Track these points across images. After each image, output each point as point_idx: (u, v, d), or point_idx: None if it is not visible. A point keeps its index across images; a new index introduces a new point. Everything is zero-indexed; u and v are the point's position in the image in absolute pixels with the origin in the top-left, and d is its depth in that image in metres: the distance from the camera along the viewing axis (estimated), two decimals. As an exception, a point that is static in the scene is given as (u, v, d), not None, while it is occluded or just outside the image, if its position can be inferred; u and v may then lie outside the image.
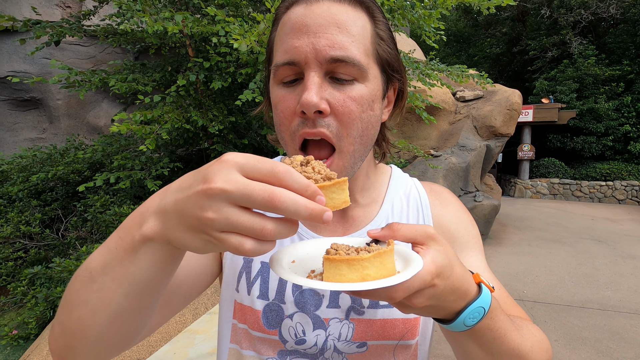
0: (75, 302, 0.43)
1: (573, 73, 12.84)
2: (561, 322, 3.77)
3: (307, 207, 0.32)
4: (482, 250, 0.71)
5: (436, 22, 3.59)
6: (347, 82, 0.53)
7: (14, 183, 4.08)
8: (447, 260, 0.43)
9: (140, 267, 0.39)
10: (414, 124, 7.02)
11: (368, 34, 0.55)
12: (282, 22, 0.57)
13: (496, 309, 0.49)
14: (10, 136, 6.58)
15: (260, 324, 0.64)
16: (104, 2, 4.03)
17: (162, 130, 2.92)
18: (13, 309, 3.67)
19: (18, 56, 6.30)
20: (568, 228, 7.81)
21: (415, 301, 0.41)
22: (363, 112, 0.54)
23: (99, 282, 0.41)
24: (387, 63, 0.59)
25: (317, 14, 0.52)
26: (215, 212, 0.32)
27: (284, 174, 0.33)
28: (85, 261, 0.45)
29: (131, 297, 0.41)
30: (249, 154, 0.34)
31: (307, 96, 0.50)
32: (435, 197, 0.74)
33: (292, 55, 0.52)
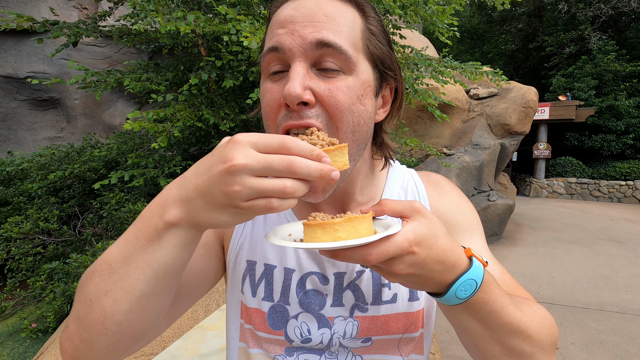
0: (96, 294, 0.45)
1: (592, 69, 12.47)
2: (578, 325, 3.68)
3: (317, 168, 0.38)
4: (483, 235, 0.70)
5: (449, 18, 3.53)
6: (333, 73, 0.52)
7: (34, 180, 4.19)
8: (430, 231, 0.43)
9: (164, 253, 0.42)
10: (426, 122, 6.94)
11: (358, 28, 0.55)
12: (272, 20, 0.57)
13: (490, 282, 0.49)
14: (30, 135, 6.77)
15: (266, 325, 0.65)
16: (119, 3, 4.11)
17: (174, 129, 2.96)
18: (32, 303, 3.78)
19: (37, 57, 6.48)
20: (586, 229, 7.61)
21: (395, 267, 0.42)
22: (352, 105, 0.53)
23: (121, 271, 0.44)
24: (379, 59, 0.58)
25: (305, 6, 0.53)
26: (241, 184, 0.37)
27: (292, 143, 0.39)
28: (101, 257, 0.47)
29: (153, 281, 0.44)
30: (258, 133, 0.39)
31: (289, 86, 0.49)
32: (432, 187, 0.74)
33: (276, 41, 0.52)
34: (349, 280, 0.65)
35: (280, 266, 0.66)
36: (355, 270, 0.66)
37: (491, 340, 0.51)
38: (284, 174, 0.37)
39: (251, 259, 0.68)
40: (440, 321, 3.60)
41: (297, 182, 0.39)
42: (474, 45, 19.92)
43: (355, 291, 0.65)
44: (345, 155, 0.44)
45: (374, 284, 0.65)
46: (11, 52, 6.39)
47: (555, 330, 0.56)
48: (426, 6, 3.32)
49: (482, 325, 0.50)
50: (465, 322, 0.51)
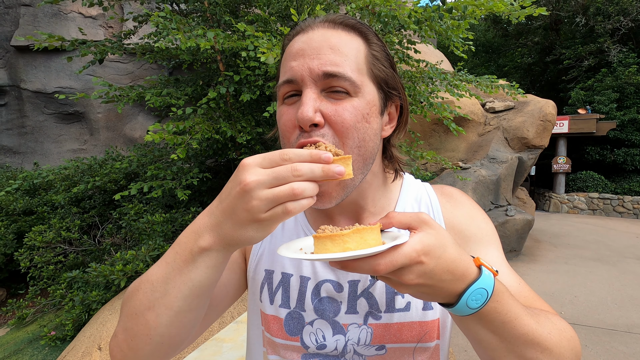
0: (140, 309, 0.51)
1: (612, 82, 12.20)
2: (604, 348, 3.50)
3: (319, 167, 0.43)
4: (499, 246, 0.70)
5: (464, 32, 3.54)
6: (340, 95, 0.58)
7: (58, 191, 4.35)
8: (437, 241, 0.44)
9: (198, 273, 0.48)
10: (441, 136, 6.89)
11: (362, 54, 0.60)
12: (285, 53, 0.63)
13: (502, 292, 0.49)
14: (55, 147, 7.05)
15: (283, 332, 0.68)
16: (143, 23, 4.31)
17: (192, 140, 3.04)
18: (52, 311, 3.87)
19: (65, 73, 6.79)
20: (610, 246, 7.32)
21: (405, 278, 0.43)
22: (358, 122, 0.58)
23: (161, 290, 0.50)
24: (383, 80, 0.63)
25: (313, 40, 0.59)
26: (257, 198, 0.42)
27: (291, 153, 0.43)
28: (144, 276, 0.54)
29: (189, 299, 0.50)
30: (260, 154, 0.44)
31: (302, 110, 0.55)
32: (446, 199, 0.75)
33: (290, 74, 0.59)
34: (363, 288, 0.67)
35: (296, 274, 0.70)
36: (369, 278, 0.67)
37: (507, 352, 0.50)
38: (291, 179, 0.42)
39: (269, 268, 0.72)
40: (457, 339, 3.49)
41: (303, 182, 0.43)
42: (489, 59, 19.84)
43: (369, 299, 0.67)
44: (349, 165, 0.47)
45: (387, 291, 0.66)
46: (41, 68, 6.73)
47: (576, 344, 0.55)
48: (441, 21, 3.35)
49: (496, 337, 0.50)
50: (480, 334, 0.51)
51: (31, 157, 6.97)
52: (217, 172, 4.88)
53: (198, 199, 4.62)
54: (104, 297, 3.26)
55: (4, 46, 6.77)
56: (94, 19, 6.94)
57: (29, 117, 6.91)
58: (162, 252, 3.39)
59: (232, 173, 2.41)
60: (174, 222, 3.85)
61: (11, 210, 4.46)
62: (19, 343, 3.52)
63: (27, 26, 6.59)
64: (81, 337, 2.72)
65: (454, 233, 0.70)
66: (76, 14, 6.81)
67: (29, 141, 7.00)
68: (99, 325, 2.72)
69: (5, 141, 6.95)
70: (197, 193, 4.61)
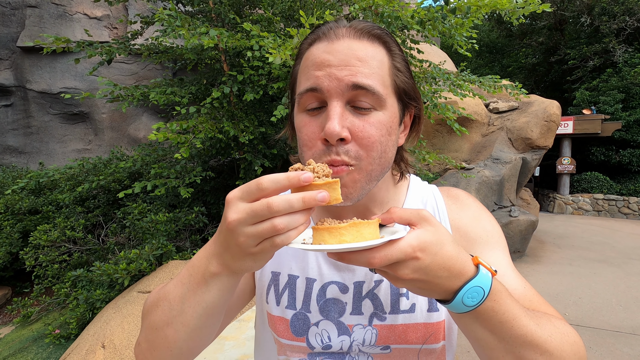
0: (160, 325, 0.55)
1: (618, 82, 12.11)
2: (609, 349, 3.48)
3: (297, 199, 0.41)
4: (505, 249, 0.70)
5: (468, 31, 3.53)
6: (366, 110, 0.57)
7: (62, 191, 4.38)
8: (434, 238, 0.45)
9: (211, 295, 0.51)
10: (444, 136, 6.87)
11: (386, 67, 0.60)
12: (305, 57, 0.62)
13: (500, 292, 0.49)
14: (60, 147, 7.10)
15: (289, 332, 0.69)
16: (148, 24, 4.35)
17: (196, 140, 3.05)
18: (56, 309, 3.89)
19: (70, 74, 6.84)
20: (615, 247, 7.26)
21: (400, 272, 0.44)
22: (382, 137, 0.58)
23: (178, 308, 0.53)
24: (404, 92, 0.63)
25: (339, 50, 0.57)
26: (243, 235, 0.43)
27: (267, 183, 0.42)
28: (162, 292, 0.57)
29: (203, 317, 0.53)
30: (245, 184, 0.44)
31: (330, 126, 0.54)
32: (452, 201, 0.75)
33: (315, 82, 0.57)
34: (368, 289, 0.68)
35: (302, 276, 0.71)
36: (374, 279, 0.68)
37: (505, 352, 0.51)
38: (269, 215, 0.41)
39: (276, 270, 0.73)
40: (459, 340, 3.48)
41: (286, 217, 0.42)
42: (493, 59, 19.75)
43: (374, 300, 0.67)
44: (337, 190, 0.45)
45: (392, 293, 0.67)
46: (46, 69, 6.78)
47: (580, 348, 0.54)
48: (444, 20, 3.34)
49: (494, 336, 0.50)
50: (477, 332, 0.51)
51: (36, 157, 7.02)
52: (220, 171, 4.89)
53: (201, 198, 4.64)
54: (107, 296, 3.28)
55: (10, 47, 6.84)
56: (99, 20, 6.98)
57: (35, 118, 6.96)
58: (165, 251, 3.40)
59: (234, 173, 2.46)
60: (178, 222, 3.87)
61: (17, 209, 4.50)
62: (23, 341, 3.55)
63: (33, 27, 6.65)
64: (85, 336, 2.74)
65: (460, 235, 0.70)
66: (81, 15, 6.86)
67: (34, 141, 7.05)
68: (102, 323, 2.73)
69: (11, 141, 7.01)
70: (200, 192, 4.63)
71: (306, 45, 0.63)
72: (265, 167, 3.88)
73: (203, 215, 4.11)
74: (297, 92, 0.62)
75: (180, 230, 4.00)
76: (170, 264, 3.26)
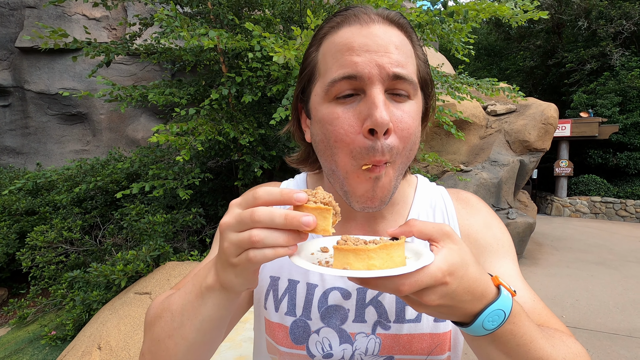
0: (162, 337, 0.54)
1: (615, 86, 12.18)
2: (605, 352, 3.48)
3: (280, 215, 0.40)
4: (515, 258, 0.68)
5: (466, 36, 3.55)
6: (403, 99, 0.55)
7: (60, 192, 4.36)
8: (460, 259, 0.42)
9: (207, 309, 0.50)
10: (442, 139, 6.89)
11: (413, 56, 0.58)
12: (329, 41, 0.57)
13: (519, 313, 0.47)
14: (58, 148, 7.08)
15: (288, 340, 0.65)
16: (147, 26, 4.36)
17: (196, 142, 3.05)
18: (53, 311, 3.87)
19: (68, 74, 6.84)
20: (612, 250, 7.28)
21: (426, 298, 0.41)
22: (416, 127, 0.57)
23: (178, 321, 0.52)
24: (425, 82, 0.62)
25: (376, 35, 0.54)
26: (227, 241, 0.42)
27: (261, 192, 0.41)
28: (167, 301, 0.56)
29: (201, 332, 0.52)
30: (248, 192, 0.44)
31: (380, 115, 0.50)
32: (462, 205, 0.72)
33: (354, 69, 0.52)
34: (372, 296, 0.65)
35: (303, 281, 0.67)
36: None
37: None
38: (251, 225, 0.40)
39: (275, 275, 0.69)
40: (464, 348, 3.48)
41: (265, 230, 0.40)
42: (491, 62, 19.84)
43: (378, 307, 0.64)
44: (328, 219, 0.42)
45: (397, 300, 0.64)
46: (45, 69, 6.77)
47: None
48: (442, 24, 3.36)
49: (509, 359, 0.48)
50: (492, 355, 0.49)
51: (34, 158, 7.00)
52: (218, 172, 4.89)
53: (199, 199, 4.63)
54: (104, 297, 3.26)
55: (8, 47, 6.83)
56: (98, 21, 6.99)
57: (32, 118, 6.95)
58: (162, 253, 3.39)
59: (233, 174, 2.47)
60: (175, 223, 3.86)
61: (14, 210, 4.48)
62: (19, 342, 3.53)
63: (32, 28, 6.64)
64: (81, 337, 2.72)
65: (469, 242, 0.68)
66: (80, 16, 6.86)
67: (32, 142, 7.03)
68: (99, 325, 2.72)
69: (8, 142, 6.99)
70: (198, 194, 4.62)
71: (328, 29, 0.58)
72: (265, 168, 3.88)
73: (201, 217, 4.10)
74: (326, 79, 0.55)
75: (178, 231, 3.99)
76: (168, 265, 3.25)
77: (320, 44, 0.59)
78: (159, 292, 2.89)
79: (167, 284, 2.94)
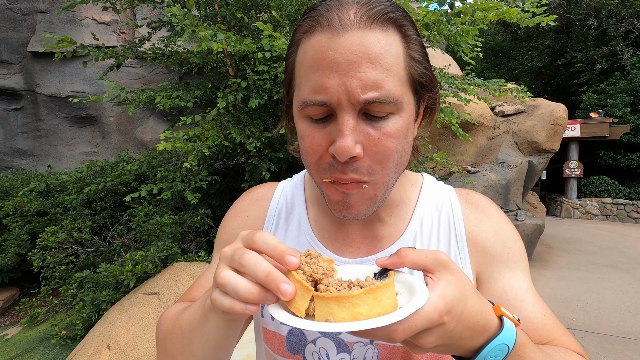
0: (173, 353, 0.55)
1: (626, 85, 11.99)
2: (617, 356, 3.42)
3: (264, 270, 0.38)
4: (527, 268, 0.64)
5: (473, 39, 3.53)
6: (382, 118, 0.49)
7: (70, 193, 4.43)
8: (459, 292, 0.39)
9: (210, 328, 0.49)
10: (449, 140, 6.85)
11: (401, 59, 0.50)
12: (303, 49, 0.51)
13: (524, 344, 0.45)
14: (68, 150, 7.20)
15: (284, 349, 0.64)
16: (156, 29, 4.42)
17: (203, 147, 3.07)
18: (63, 310, 3.93)
19: (78, 78, 6.95)
20: (624, 252, 7.16)
21: (423, 341, 0.38)
22: (399, 144, 0.51)
23: (188, 338, 0.52)
24: (419, 83, 0.54)
25: (346, 47, 0.46)
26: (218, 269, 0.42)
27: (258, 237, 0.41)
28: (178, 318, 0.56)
29: (207, 349, 0.52)
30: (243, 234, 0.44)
31: (342, 144, 0.47)
32: (470, 209, 0.67)
33: (323, 97, 0.48)
34: None
35: None
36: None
37: None
38: (237, 266, 0.40)
39: None
40: None
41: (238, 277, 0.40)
42: (499, 62, 19.67)
43: None
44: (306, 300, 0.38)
45: None
46: (55, 73, 6.89)
47: None
48: (449, 25, 3.34)
49: None
50: None
51: (45, 160, 7.12)
52: (225, 174, 4.92)
53: (206, 201, 4.66)
54: (113, 297, 3.30)
55: (20, 52, 6.96)
56: (107, 25, 7.09)
57: (44, 121, 7.07)
58: (170, 253, 3.43)
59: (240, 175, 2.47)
60: (183, 224, 3.90)
61: (25, 211, 4.56)
62: (30, 341, 3.58)
63: (43, 32, 6.76)
64: (91, 337, 2.76)
65: (476, 251, 0.63)
66: (90, 20, 6.97)
67: (43, 144, 7.16)
68: (108, 324, 2.75)
69: (20, 144, 7.12)
70: (205, 195, 4.66)
71: (301, 33, 0.52)
72: (272, 171, 3.89)
73: (208, 218, 4.13)
74: (298, 96, 0.53)
75: (186, 232, 4.02)
76: (175, 265, 3.28)
77: (296, 47, 0.54)
78: (167, 292, 2.92)
79: (174, 285, 2.97)
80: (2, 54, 6.87)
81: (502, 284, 0.61)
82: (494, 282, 0.61)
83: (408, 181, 0.69)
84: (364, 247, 0.65)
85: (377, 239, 0.65)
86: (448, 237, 0.64)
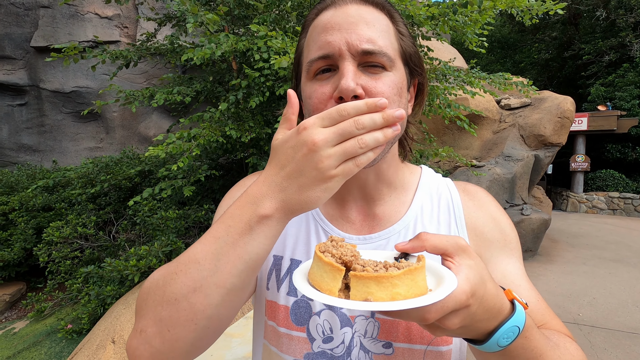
0: (183, 293, 0.46)
1: (635, 77, 11.79)
2: (624, 351, 3.39)
3: (380, 116, 0.42)
4: (520, 255, 0.68)
5: (480, 28, 3.46)
6: (377, 69, 0.57)
7: (74, 188, 4.45)
8: (479, 277, 0.42)
9: (255, 245, 0.46)
10: (454, 133, 6.78)
11: (391, 31, 0.61)
12: (312, 27, 0.62)
13: (531, 327, 0.47)
14: (73, 145, 7.23)
15: (288, 321, 0.65)
16: (162, 25, 4.42)
17: (196, 148, 3.03)
18: (69, 305, 3.97)
19: (82, 73, 6.95)
20: (631, 247, 7.08)
21: (448, 323, 0.40)
22: (394, 95, 0.58)
23: (211, 267, 0.46)
24: (409, 57, 0.63)
25: (347, 14, 0.58)
26: (327, 156, 0.42)
27: (349, 107, 0.43)
28: (183, 257, 0.49)
29: (244, 274, 0.47)
30: (321, 113, 0.44)
31: (345, 82, 0.53)
32: (468, 197, 0.71)
33: (326, 49, 0.57)
34: None
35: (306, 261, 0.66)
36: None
37: None
38: (356, 132, 0.42)
39: (278, 254, 0.69)
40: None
41: (369, 134, 0.42)
42: (504, 55, 19.42)
43: None
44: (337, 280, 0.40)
45: None
46: (59, 68, 6.90)
47: None
48: (456, 15, 3.28)
49: None
50: None
51: (50, 155, 7.16)
52: (229, 169, 4.91)
53: (210, 195, 4.67)
54: (118, 292, 3.33)
55: (24, 47, 6.97)
56: (110, 20, 7.07)
57: (48, 116, 7.10)
58: (174, 248, 3.43)
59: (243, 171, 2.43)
60: (187, 219, 3.90)
61: (31, 206, 4.59)
62: (37, 335, 3.63)
63: (46, 27, 6.76)
64: (96, 331, 2.78)
65: (475, 235, 0.67)
66: (92, 14, 6.95)
67: (48, 139, 7.19)
68: (113, 319, 2.77)
69: (25, 139, 7.16)
70: (209, 190, 4.66)
71: (312, 16, 0.63)
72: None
73: (212, 213, 4.14)
74: (306, 60, 0.61)
75: (190, 227, 4.03)
76: (180, 261, 3.29)
77: (305, 31, 0.64)
78: (171, 287, 2.93)
79: (178, 280, 2.98)
80: (6, 50, 6.88)
81: (501, 269, 0.64)
82: (492, 267, 0.65)
83: (408, 169, 0.73)
84: (366, 225, 0.68)
85: (379, 218, 0.68)
86: (448, 222, 0.68)
